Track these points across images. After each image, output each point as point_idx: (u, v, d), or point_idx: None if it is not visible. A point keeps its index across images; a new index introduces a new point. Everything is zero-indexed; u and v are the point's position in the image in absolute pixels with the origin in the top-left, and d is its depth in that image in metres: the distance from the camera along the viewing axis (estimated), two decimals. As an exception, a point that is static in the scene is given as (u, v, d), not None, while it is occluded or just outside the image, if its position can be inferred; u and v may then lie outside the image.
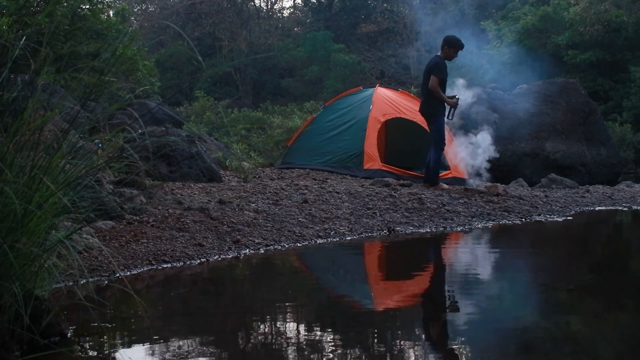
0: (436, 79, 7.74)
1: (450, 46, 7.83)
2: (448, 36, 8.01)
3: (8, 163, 2.52)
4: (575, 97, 12.19)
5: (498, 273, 4.72)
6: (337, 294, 4.07)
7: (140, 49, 12.44)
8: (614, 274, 4.63)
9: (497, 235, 6.13)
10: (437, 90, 7.74)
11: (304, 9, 31.45)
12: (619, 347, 2.92)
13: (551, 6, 19.42)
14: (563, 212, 7.08)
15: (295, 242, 5.11)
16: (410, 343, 2.96)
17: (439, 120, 7.83)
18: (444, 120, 7.92)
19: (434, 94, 7.77)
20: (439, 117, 7.84)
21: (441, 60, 7.87)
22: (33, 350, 2.57)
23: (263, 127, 13.69)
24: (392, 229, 5.73)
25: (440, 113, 7.85)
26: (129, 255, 4.25)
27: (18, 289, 2.47)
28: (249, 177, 7.84)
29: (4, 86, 2.62)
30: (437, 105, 7.83)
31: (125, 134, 3.12)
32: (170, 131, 7.97)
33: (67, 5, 9.80)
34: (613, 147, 12.61)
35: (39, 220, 2.60)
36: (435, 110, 7.85)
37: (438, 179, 7.95)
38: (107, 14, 12.09)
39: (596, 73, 18.42)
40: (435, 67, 7.83)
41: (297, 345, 2.88)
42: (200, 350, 2.81)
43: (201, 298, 3.80)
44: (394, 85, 15.72)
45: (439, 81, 7.75)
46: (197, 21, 27.18)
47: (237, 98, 24.06)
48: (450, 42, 7.87)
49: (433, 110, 7.86)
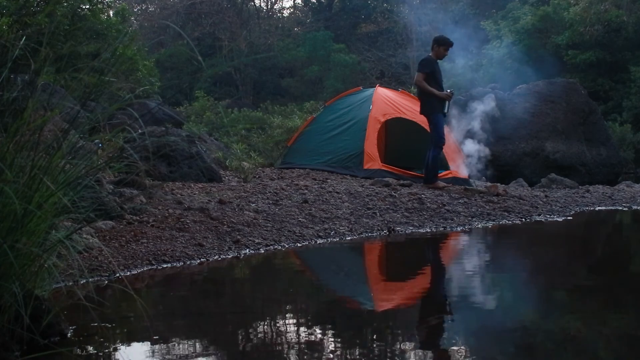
0: (420, 74, 7.91)
1: (440, 44, 7.99)
2: (437, 36, 8.29)
3: (8, 163, 2.52)
4: (575, 97, 12.19)
5: (498, 273, 4.72)
6: (337, 294, 4.07)
7: (140, 49, 12.45)
8: (614, 274, 4.63)
9: (497, 235, 6.13)
10: (423, 85, 7.85)
11: (304, 9, 31.47)
12: (619, 347, 2.92)
13: (551, 6, 19.42)
14: (563, 212, 7.08)
15: (295, 242, 5.11)
16: (410, 343, 2.96)
17: (437, 118, 7.86)
18: (442, 118, 7.93)
19: (422, 89, 7.89)
20: (436, 115, 7.87)
21: (428, 57, 8.05)
22: (33, 350, 2.57)
23: (263, 127, 13.69)
24: (392, 229, 5.73)
25: (437, 110, 7.87)
26: (129, 255, 4.25)
27: (18, 289, 2.47)
28: (249, 177, 7.85)
29: (4, 86, 2.62)
30: (432, 103, 7.87)
31: (125, 134, 3.12)
32: (170, 131, 7.97)
33: (67, 5, 9.80)
34: (613, 147, 12.61)
35: (39, 220, 2.60)
36: (432, 109, 7.89)
37: (435, 178, 7.96)
38: (107, 14, 12.10)
39: (596, 73, 18.42)
40: (420, 63, 8.09)
41: (297, 346, 2.88)
42: (200, 350, 2.81)
43: (201, 298, 3.80)
44: (394, 85, 15.71)
45: (424, 76, 7.86)
46: (197, 21, 27.18)
47: (237, 98, 24.06)
48: (439, 40, 8.06)
49: (430, 109, 7.91)
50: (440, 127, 7.88)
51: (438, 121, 7.87)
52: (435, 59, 8.03)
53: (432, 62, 7.98)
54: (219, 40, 26.81)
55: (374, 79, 24.31)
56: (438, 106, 7.87)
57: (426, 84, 7.84)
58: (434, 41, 8.13)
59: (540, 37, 19.33)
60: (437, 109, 7.88)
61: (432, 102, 7.87)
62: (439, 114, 7.88)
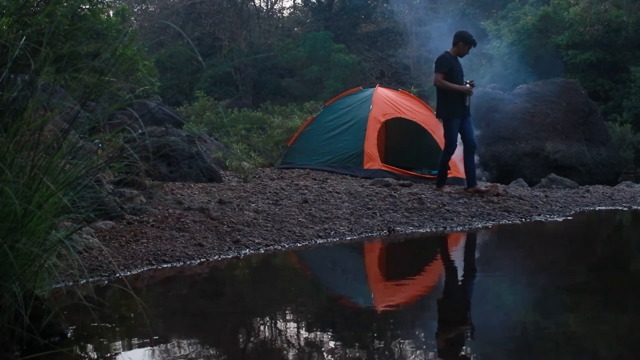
0: (439, 74, 7.45)
1: (465, 42, 7.56)
2: (461, 32, 7.70)
3: (8, 163, 2.52)
4: (575, 97, 12.20)
5: (498, 273, 4.72)
6: (337, 294, 4.07)
7: (140, 49, 12.43)
8: (614, 274, 4.63)
9: (497, 235, 6.13)
10: (444, 84, 7.41)
11: (304, 9, 31.45)
12: (619, 347, 2.92)
13: (551, 6, 19.41)
14: (563, 212, 7.07)
15: (295, 242, 5.11)
16: (410, 343, 2.96)
17: (449, 122, 7.50)
18: (456, 124, 7.49)
19: (443, 88, 7.43)
20: (449, 120, 7.50)
21: (445, 54, 7.58)
22: (33, 350, 2.57)
23: (263, 127, 13.68)
24: (392, 229, 5.73)
25: (455, 115, 7.46)
26: (129, 255, 4.25)
27: (18, 289, 2.47)
28: (249, 177, 7.85)
29: (4, 86, 2.62)
30: (450, 107, 7.47)
31: (125, 134, 3.12)
32: (170, 131, 7.97)
33: (67, 5, 9.79)
34: (613, 147, 12.61)
35: (39, 220, 2.60)
36: (449, 113, 7.49)
37: (442, 182, 7.71)
38: (107, 14, 12.08)
39: (596, 73, 18.41)
40: (436, 63, 7.61)
41: (297, 346, 2.88)
42: (200, 350, 2.81)
43: (201, 298, 3.80)
44: (394, 85, 15.71)
45: (443, 76, 7.41)
46: (197, 21, 27.17)
47: (237, 98, 24.05)
48: (465, 38, 7.59)
49: (447, 113, 7.52)
50: (453, 133, 7.50)
51: (453, 127, 7.47)
52: (455, 56, 7.59)
53: (449, 59, 7.53)
54: (219, 40, 26.81)
55: (374, 79, 24.29)
56: (456, 110, 7.47)
57: (447, 84, 7.38)
58: (458, 37, 7.60)
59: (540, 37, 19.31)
60: (455, 113, 7.47)
61: (450, 105, 7.46)
62: (456, 119, 7.46)
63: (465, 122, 7.54)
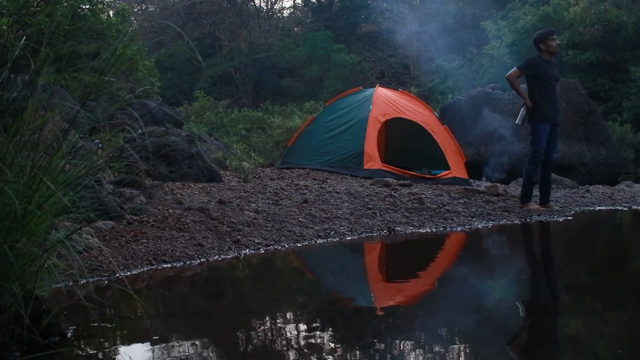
0: (516, 69, 7.10)
1: (544, 39, 7.07)
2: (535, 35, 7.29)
3: (8, 163, 2.52)
4: (575, 97, 12.20)
5: (498, 273, 4.72)
6: (337, 294, 4.07)
7: (140, 49, 12.44)
8: (614, 274, 4.63)
9: (497, 235, 6.13)
10: (512, 80, 7.04)
11: (304, 9, 31.46)
12: (619, 347, 2.92)
13: (551, 6, 19.41)
14: (563, 212, 7.07)
15: (295, 242, 5.11)
16: (410, 343, 2.96)
17: (539, 128, 6.94)
18: (545, 130, 6.95)
19: (510, 84, 7.12)
20: (540, 125, 6.95)
21: (535, 57, 7.14)
22: (33, 350, 2.57)
23: (263, 127, 13.69)
24: (392, 229, 5.73)
25: (543, 119, 6.95)
26: (129, 255, 4.25)
27: (18, 289, 2.47)
28: (249, 177, 7.85)
29: (4, 86, 2.62)
30: (538, 111, 6.96)
31: (125, 134, 3.12)
32: (170, 131, 7.98)
33: (67, 5, 9.80)
34: (613, 147, 12.61)
35: (39, 220, 2.60)
36: (536, 117, 6.98)
37: (528, 197, 7.12)
38: (107, 14, 12.09)
39: (596, 73, 18.41)
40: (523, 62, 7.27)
41: (297, 346, 2.88)
42: (200, 350, 2.81)
43: (201, 298, 3.80)
44: (394, 85, 15.71)
45: (519, 73, 7.06)
46: (197, 21, 27.18)
47: (237, 98, 24.06)
48: (539, 37, 7.14)
49: (534, 117, 7.00)
50: (541, 140, 6.93)
51: (539, 133, 6.93)
52: (548, 60, 7.08)
53: (537, 62, 7.04)
54: (219, 40, 26.82)
55: (374, 79, 24.30)
56: (547, 115, 6.96)
57: (516, 81, 7.04)
58: (535, 41, 7.14)
59: (540, 37, 19.31)
60: (545, 118, 6.95)
61: (539, 109, 6.97)
62: (544, 124, 6.94)
63: (554, 133, 7.06)
